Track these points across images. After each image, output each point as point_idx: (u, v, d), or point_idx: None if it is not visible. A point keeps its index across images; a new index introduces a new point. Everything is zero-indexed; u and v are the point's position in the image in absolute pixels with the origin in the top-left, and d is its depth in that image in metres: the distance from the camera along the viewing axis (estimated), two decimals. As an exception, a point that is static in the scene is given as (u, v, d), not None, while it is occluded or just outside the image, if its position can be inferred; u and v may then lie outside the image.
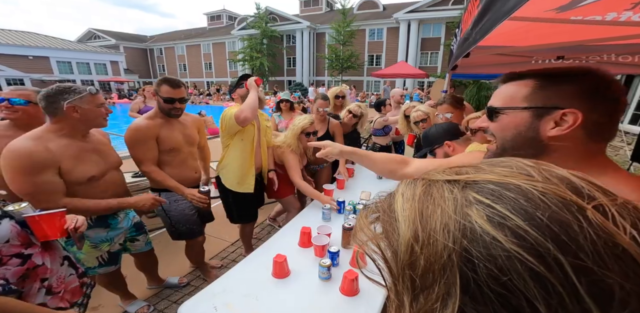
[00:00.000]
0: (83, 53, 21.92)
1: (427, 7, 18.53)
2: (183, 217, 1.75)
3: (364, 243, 0.29)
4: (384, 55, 21.37)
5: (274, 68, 22.96)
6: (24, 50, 18.78)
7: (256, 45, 21.77)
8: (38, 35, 21.51)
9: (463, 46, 0.98)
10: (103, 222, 1.42)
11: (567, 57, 2.19)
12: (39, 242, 0.96)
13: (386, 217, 0.28)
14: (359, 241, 0.30)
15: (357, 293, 1.10)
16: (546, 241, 0.18)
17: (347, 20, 18.14)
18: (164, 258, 2.22)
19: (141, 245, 1.69)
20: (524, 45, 1.55)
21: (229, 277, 1.22)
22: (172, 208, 1.71)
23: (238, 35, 24.50)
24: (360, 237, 0.30)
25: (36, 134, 1.19)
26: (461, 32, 1.22)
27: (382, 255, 0.26)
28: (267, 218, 2.89)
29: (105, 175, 1.38)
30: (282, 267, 1.20)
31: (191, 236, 1.83)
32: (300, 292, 1.14)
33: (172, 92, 1.55)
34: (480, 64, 2.71)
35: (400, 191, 0.28)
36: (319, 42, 23.48)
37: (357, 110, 2.54)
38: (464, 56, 1.31)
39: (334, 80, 21.03)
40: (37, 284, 0.94)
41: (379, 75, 12.78)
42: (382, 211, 0.29)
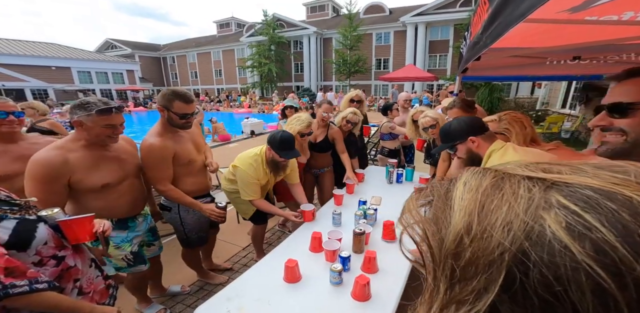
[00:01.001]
0: (101, 63, 22.76)
1: (434, 10, 18.45)
2: (197, 225, 1.77)
3: (408, 225, 0.29)
4: (391, 58, 21.35)
5: (282, 74, 23.27)
6: (47, 61, 19.68)
7: (264, 51, 22.16)
8: (60, 46, 22.53)
9: (474, 50, 0.98)
10: (123, 224, 1.48)
11: (583, 58, 2.12)
12: (70, 245, 1.01)
13: (440, 203, 0.27)
14: (405, 222, 0.30)
15: (369, 298, 1.09)
16: (635, 261, 0.17)
17: (353, 24, 18.28)
18: (174, 265, 2.21)
19: (155, 249, 1.74)
20: (539, 47, 1.52)
21: (241, 281, 1.24)
22: (189, 216, 1.73)
23: (246, 42, 25.00)
24: (406, 218, 0.30)
25: (60, 143, 1.27)
26: (471, 35, 1.21)
27: (427, 240, 0.26)
28: (277, 224, 2.91)
29: (123, 182, 1.42)
30: (294, 272, 1.21)
31: (201, 243, 1.86)
32: (312, 296, 1.14)
33: (186, 107, 1.53)
34: (493, 66, 2.67)
35: (464, 179, 0.27)
36: (326, 47, 23.69)
37: (355, 119, 2.49)
38: (474, 59, 1.31)
39: (341, 84, 21.10)
40: (70, 284, 0.98)
41: (386, 78, 12.74)
42: (437, 196, 0.28)
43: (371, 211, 1.69)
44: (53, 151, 1.22)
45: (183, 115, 1.54)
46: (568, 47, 1.80)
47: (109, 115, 1.26)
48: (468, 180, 0.27)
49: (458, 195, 0.26)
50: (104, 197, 1.35)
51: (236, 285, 1.21)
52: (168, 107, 1.51)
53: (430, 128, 2.13)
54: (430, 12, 18.53)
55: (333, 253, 1.33)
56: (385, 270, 1.28)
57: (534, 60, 2.35)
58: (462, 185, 0.26)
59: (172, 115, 1.53)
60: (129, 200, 1.46)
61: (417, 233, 0.28)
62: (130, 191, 1.46)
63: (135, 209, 1.53)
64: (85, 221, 1.01)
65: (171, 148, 1.56)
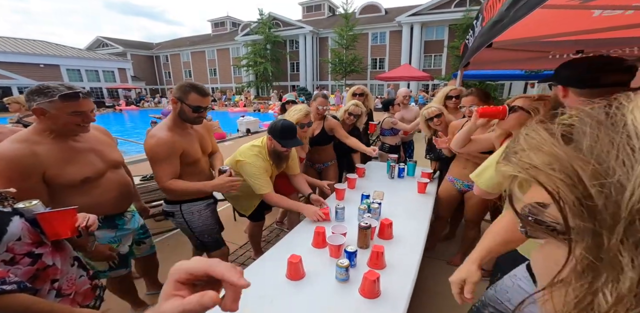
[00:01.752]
0: (92, 61, 22.27)
1: (429, 10, 18.57)
2: (206, 228, 1.67)
3: (531, 167, 0.21)
4: (387, 58, 21.41)
5: (278, 73, 23.14)
6: (35, 59, 19.15)
7: (260, 50, 21.99)
8: (49, 43, 22.00)
9: (491, 31, 0.93)
10: (111, 222, 1.38)
11: (586, 51, 2.11)
12: (49, 241, 0.92)
13: (600, 132, 0.20)
14: (524, 163, 0.22)
15: (379, 295, 1.03)
16: None
17: (349, 24, 18.27)
18: (171, 262, 2.16)
19: (146, 248, 1.65)
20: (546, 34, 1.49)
21: (241, 278, 1.16)
22: (195, 219, 1.62)
23: (242, 41, 24.80)
24: (530, 157, 0.22)
25: (23, 136, 1.12)
26: (484, 20, 1.17)
27: (581, 187, 0.19)
28: (275, 222, 2.83)
29: (104, 175, 1.31)
30: (297, 268, 1.14)
31: (217, 246, 1.74)
32: (317, 294, 1.07)
33: (201, 100, 1.45)
34: (496, 60, 2.64)
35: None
36: (322, 46, 23.64)
37: (357, 110, 2.46)
38: (487, 46, 1.26)
39: (337, 84, 21.07)
40: (47, 285, 0.89)
41: (383, 78, 12.74)
42: (591, 122, 0.21)
43: (375, 205, 1.63)
44: (16, 144, 1.07)
45: (197, 108, 1.45)
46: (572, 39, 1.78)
47: (75, 101, 1.12)
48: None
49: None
50: (87, 192, 1.24)
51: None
52: (183, 98, 1.42)
53: (436, 117, 2.09)
54: (426, 12, 18.64)
55: (338, 249, 1.27)
56: (393, 266, 1.21)
57: (537, 54, 2.33)
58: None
59: (185, 108, 1.43)
60: (116, 195, 1.36)
61: (554, 178, 0.20)
62: (115, 185, 1.36)
63: (123, 205, 1.44)
64: (67, 214, 0.92)
65: (179, 144, 1.46)
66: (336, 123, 2.42)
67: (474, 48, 1.38)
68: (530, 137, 0.23)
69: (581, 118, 0.22)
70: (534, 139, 0.23)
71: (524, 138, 0.24)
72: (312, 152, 2.42)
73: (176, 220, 1.62)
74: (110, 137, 1.46)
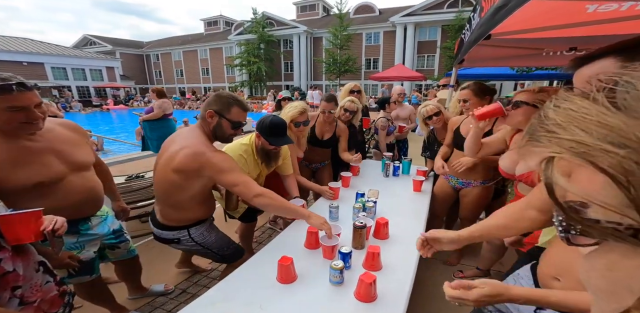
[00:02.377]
0: (78, 59, 21.68)
1: (422, 10, 18.72)
2: (223, 241, 1.54)
3: (581, 145, 0.16)
4: (381, 58, 21.49)
5: (272, 73, 23.01)
6: (18, 56, 18.54)
7: (253, 50, 21.82)
8: (33, 41, 21.34)
9: (494, 19, 0.88)
10: (72, 227, 1.19)
11: (579, 48, 2.11)
12: (9, 245, 0.83)
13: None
14: (566, 141, 0.17)
15: (375, 298, 0.97)
16: None
17: (344, 24, 18.27)
18: (157, 265, 2.08)
19: (122, 252, 1.52)
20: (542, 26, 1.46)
21: (229, 282, 1.09)
22: (208, 238, 1.47)
23: (235, 40, 24.56)
24: (574, 132, 0.17)
25: None
26: (482, 11, 1.12)
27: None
28: (268, 221, 2.76)
29: (65, 178, 1.15)
30: (289, 271, 1.07)
31: (240, 255, 1.60)
32: (309, 298, 1.00)
33: (243, 115, 1.34)
34: (489, 57, 2.63)
35: None
36: (316, 46, 23.60)
37: (353, 106, 2.41)
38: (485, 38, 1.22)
39: (331, 84, 21.05)
40: (7, 293, 0.81)
41: (377, 78, 12.77)
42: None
43: (370, 204, 1.57)
44: None
45: (238, 124, 1.33)
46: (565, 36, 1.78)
47: (8, 94, 0.95)
48: None
49: None
50: (44, 197, 1.10)
51: (223, 287, 1.06)
52: (223, 112, 1.29)
53: (435, 116, 2.05)
54: (419, 12, 18.80)
55: (332, 250, 1.21)
56: (390, 267, 1.16)
57: (530, 51, 2.33)
58: None
59: (224, 123, 1.30)
60: (79, 200, 1.21)
61: (615, 156, 0.15)
62: (79, 189, 1.21)
63: (87, 210, 1.30)
64: (31, 217, 0.84)
65: None
66: (345, 130, 2.37)
67: (472, 41, 1.34)
68: (565, 109, 0.18)
69: (625, 81, 0.17)
70: (572, 111, 0.18)
71: (554, 111, 0.19)
72: (312, 152, 2.36)
73: (185, 245, 1.44)
74: (80, 134, 1.30)
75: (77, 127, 1.32)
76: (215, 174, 1.25)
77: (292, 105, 1.94)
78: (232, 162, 1.30)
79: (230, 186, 1.27)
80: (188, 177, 1.25)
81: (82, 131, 1.34)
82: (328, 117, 2.23)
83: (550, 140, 0.18)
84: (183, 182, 1.26)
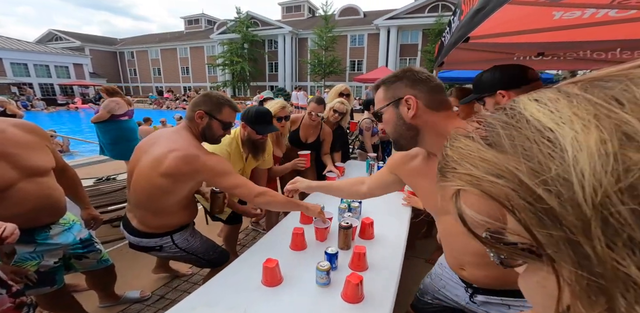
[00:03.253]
0: (42, 55, 20.33)
1: (405, 14, 19.22)
2: (209, 245, 1.48)
3: (473, 177, 0.19)
4: (365, 60, 21.80)
5: (255, 73, 22.74)
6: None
7: (237, 49, 21.48)
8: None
9: (473, 21, 0.91)
10: (27, 236, 1.08)
11: (546, 54, 2.26)
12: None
13: (513, 131, 0.18)
14: (462, 175, 0.20)
15: (362, 299, 0.97)
16: None
17: (329, 25, 18.39)
18: (133, 271, 1.98)
19: (91, 262, 1.42)
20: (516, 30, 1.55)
21: (211, 287, 1.05)
22: (193, 243, 1.41)
23: (218, 39, 24.07)
24: (466, 167, 0.19)
25: None
26: (462, 14, 1.16)
27: (528, 189, 0.16)
28: (250, 222, 2.70)
29: (15, 185, 1.05)
30: (274, 273, 1.04)
31: (227, 257, 1.56)
32: (296, 301, 0.98)
33: (233, 116, 1.31)
34: (466, 61, 2.73)
35: (533, 97, 0.20)
36: (301, 47, 23.58)
37: (342, 108, 2.43)
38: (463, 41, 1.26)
39: (316, 85, 21.10)
40: None
41: (361, 79, 12.93)
42: (503, 123, 0.19)
43: (355, 204, 1.58)
44: None
45: (228, 125, 1.30)
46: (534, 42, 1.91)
47: None
48: (541, 97, 0.19)
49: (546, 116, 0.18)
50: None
51: (204, 292, 1.02)
52: (214, 112, 1.24)
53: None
54: (402, 16, 19.28)
55: (324, 232, 1.27)
56: (375, 267, 1.16)
57: (502, 55, 2.44)
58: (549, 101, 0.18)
59: (214, 124, 1.26)
60: (32, 209, 1.10)
61: (497, 185, 0.18)
62: (32, 197, 1.10)
63: (42, 219, 1.19)
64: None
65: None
66: (329, 134, 2.37)
67: (452, 43, 1.38)
68: (457, 147, 0.21)
69: (487, 122, 0.20)
70: (461, 149, 0.21)
71: (450, 149, 0.22)
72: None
73: (167, 253, 1.36)
74: (39, 136, 1.18)
75: (35, 128, 1.19)
76: (212, 178, 1.21)
77: (272, 102, 1.94)
78: (227, 163, 1.27)
79: (230, 189, 1.24)
80: (177, 180, 1.19)
81: (41, 132, 1.21)
82: (314, 120, 2.21)
83: (454, 175, 0.20)
84: (171, 186, 1.19)
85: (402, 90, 0.76)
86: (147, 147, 1.24)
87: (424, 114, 0.74)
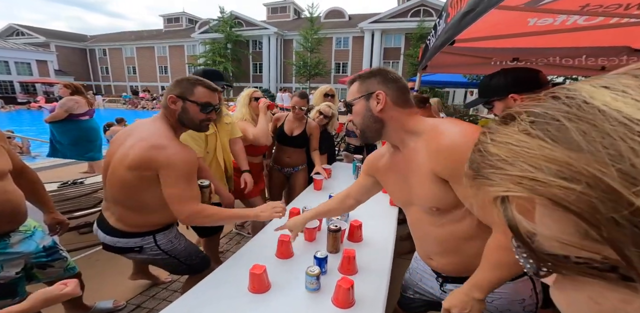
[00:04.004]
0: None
1: (388, 18, 19.66)
2: (192, 249, 1.37)
3: (533, 181, 0.15)
4: (350, 63, 22.04)
5: (239, 73, 22.38)
6: None
7: (219, 49, 21.06)
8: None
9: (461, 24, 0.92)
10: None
11: (521, 59, 2.41)
12: None
13: (584, 124, 0.15)
14: (515, 178, 0.16)
15: (353, 304, 0.95)
16: None
17: (314, 27, 18.45)
18: (105, 278, 1.85)
19: (57, 271, 1.31)
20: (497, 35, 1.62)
21: (195, 294, 0.99)
22: (176, 246, 1.30)
23: (199, 38, 23.49)
24: (523, 168, 0.16)
25: None
26: (448, 17, 1.18)
27: (619, 198, 0.13)
28: (234, 226, 2.62)
29: None
30: (262, 280, 1.00)
31: (208, 264, 1.45)
32: (285, 308, 0.95)
33: (211, 96, 1.18)
34: (448, 64, 2.83)
35: (600, 83, 0.16)
36: (286, 48, 23.49)
37: (328, 111, 2.44)
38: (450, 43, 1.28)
39: (301, 87, 21.07)
40: None
41: (346, 82, 13.06)
42: (566, 113, 0.16)
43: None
44: None
45: (207, 105, 1.15)
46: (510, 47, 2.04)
47: None
48: (611, 82, 0.16)
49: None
50: None
51: (188, 300, 0.96)
52: (186, 94, 1.12)
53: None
54: (385, 20, 19.70)
55: (312, 232, 1.27)
56: (365, 270, 1.14)
57: (481, 60, 2.55)
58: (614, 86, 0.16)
59: (190, 107, 1.13)
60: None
61: (572, 191, 0.14)
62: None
63: (3, 224, 1.11)
64: None
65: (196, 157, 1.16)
66: (317, 128, 2.34)
67: (438, 45, 1.40)
68: (505, 143, 0.17)
69: (542, 112, 0.17)
70: (512, 145, 0.17)
71: (494, 146, 0.18)
72: (285, 155, 2.30)
73: (147, 255, 1.25)
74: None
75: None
76: (166, 176, 1.06)
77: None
78: (193, 167, 1.12)
79: (168, 193, 1.08)
80: (142, 175, 1.08)
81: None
82: (298, 114, 2.21)
83: (502, 177, 0.17)
84: (137, 182, 1.09)
85: (375, 86, 0.83)
86: (122, 140, 1.15)
87: (390, 109, 0.81)
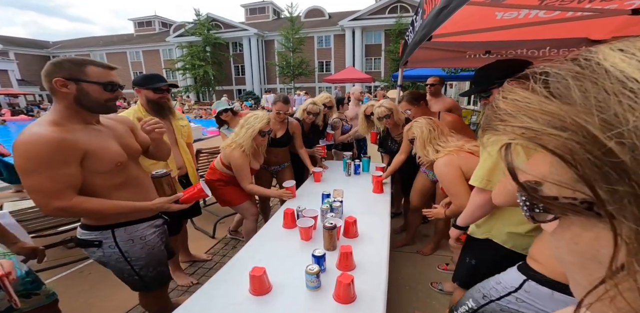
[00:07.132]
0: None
1: (367, 15, 19.81)
2: (153, 258, 1.23)
3: (530, 130, 0.18)
4: (333, 61, 22.08)
5: (221, 77, 21.98)
6: None
7: (198, 52, 20.58)
8: None
9: (437, 20, 0.95)
10: None
11: (492, 52, 2.52)
12: None
13: (587, 82, 0.17)
14: (516, 128, 0.19)
15: (355, 299, 0.97)
16: None
17: (295, 27, 18.35)
18: (103, 291, 1.81)
19: (40, 299, 1.17)
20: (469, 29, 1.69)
21: (196, 301, 0.98)
22: (136, 249, 1.16)
23: (175, 42, 22.89)
24: (523, 120, 0.19)
25: None
26: (424, 13, 1.21)
27: (597, 142, 0.16)
28: (228, 231, 2.59)
29: None
30: (262, 282, 1.01)
31: (164, 281, 1.32)
32: (288, 307, 0.96)
33: (108, 73, 1.05)
34: (427, 59, 2.91)
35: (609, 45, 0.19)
36: (268, 49, 23.26)
37: (315, 109, 2.44)
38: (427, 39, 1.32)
39: (286, 87, 20.95)
40: None
41: (330, 80, 13.08)
42: (575, 73, 0.18)
43: (337, 204, 1.58)
44: None
45: (110, 84, 1.02)
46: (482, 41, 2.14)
47: None
48: (627, 45, 0.18)
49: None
50: None
51: (189, 306, 0.95)
52: (77, 75, 0.97)
53: (385, 118, 2.13)
54: (365, 17, 19.83)
55: (308, 231, 1.29)
56: (363, 265, 1.17)
57: (457, 54, 2.64)
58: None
59: (89, 87, 0.99)
60: None
61: (559, 138, 0.17)
62: None
63: None
64: None
65: (75, 142, 0.96)
66: (297, 126, 2.36)
67: (417, 41, 1.43)
68: (512, 100, 0.20)
69: (554, 73, 0.19)
70: (517, 101, 0.20)
71: (504, 102, 0.21)
72: (270, 154, 2.29)
73: (104, 252, 1.13)
74: None
75: None
76: (18, 161, 0.91)
77: (257, 116, 1.84)
78: (51, 152, 0.92)
79: (28, 191, 0.94)
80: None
81: None
82: (282, 118, 2.24)
83: (505, 128, 0.20)
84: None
85: None
86: None
87: None
